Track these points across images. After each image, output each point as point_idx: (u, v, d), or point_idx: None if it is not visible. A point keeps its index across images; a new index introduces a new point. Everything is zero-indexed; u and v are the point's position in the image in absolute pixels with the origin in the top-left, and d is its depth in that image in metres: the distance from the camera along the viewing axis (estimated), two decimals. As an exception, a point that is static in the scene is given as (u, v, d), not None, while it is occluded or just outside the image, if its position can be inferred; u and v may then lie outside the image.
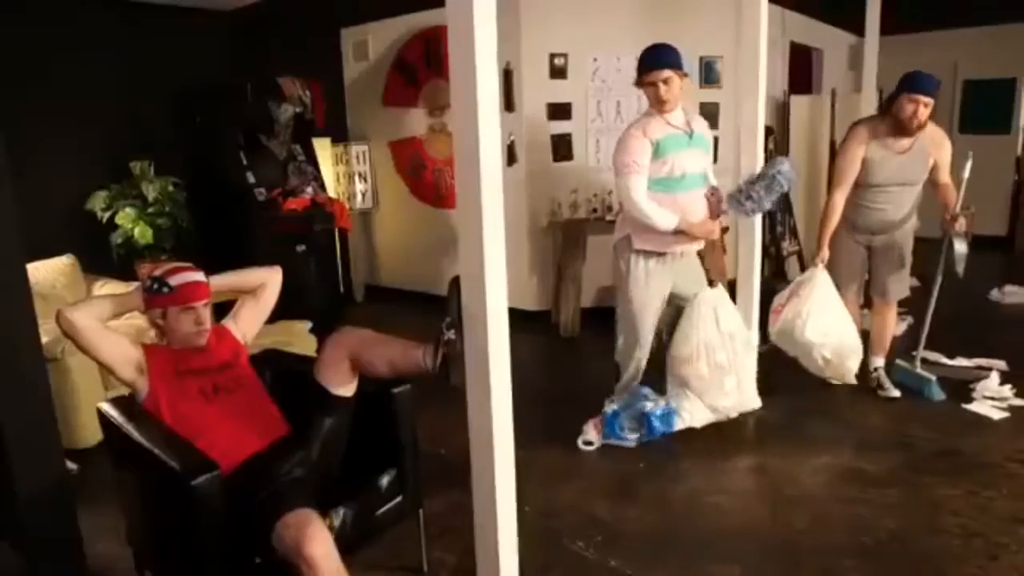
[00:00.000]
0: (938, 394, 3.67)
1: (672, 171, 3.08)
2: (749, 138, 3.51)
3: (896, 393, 3.71)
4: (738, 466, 2.93)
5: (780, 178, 3.07)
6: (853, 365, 3.68)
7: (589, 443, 3.30)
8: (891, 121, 3.39)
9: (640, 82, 3.08)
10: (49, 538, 2.18)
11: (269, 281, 2.43)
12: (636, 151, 3.06)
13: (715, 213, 3.16)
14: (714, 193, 3.17)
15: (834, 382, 3.77)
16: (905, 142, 3.40)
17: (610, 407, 3.33)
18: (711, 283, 3.43)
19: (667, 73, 3.00)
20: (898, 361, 3.91)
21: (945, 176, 3.52)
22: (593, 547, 2.53)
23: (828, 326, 3.52)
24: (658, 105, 3.07)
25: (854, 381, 3.75)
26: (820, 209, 3.80)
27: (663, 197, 3.09)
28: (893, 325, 3.85)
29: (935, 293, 3.71)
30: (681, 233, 3.11)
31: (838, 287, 3.59)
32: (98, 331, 2.03)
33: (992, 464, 3.00)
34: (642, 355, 3.35)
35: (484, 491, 2.01)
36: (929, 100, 3.28)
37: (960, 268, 3.54)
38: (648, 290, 3.24)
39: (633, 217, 3.13)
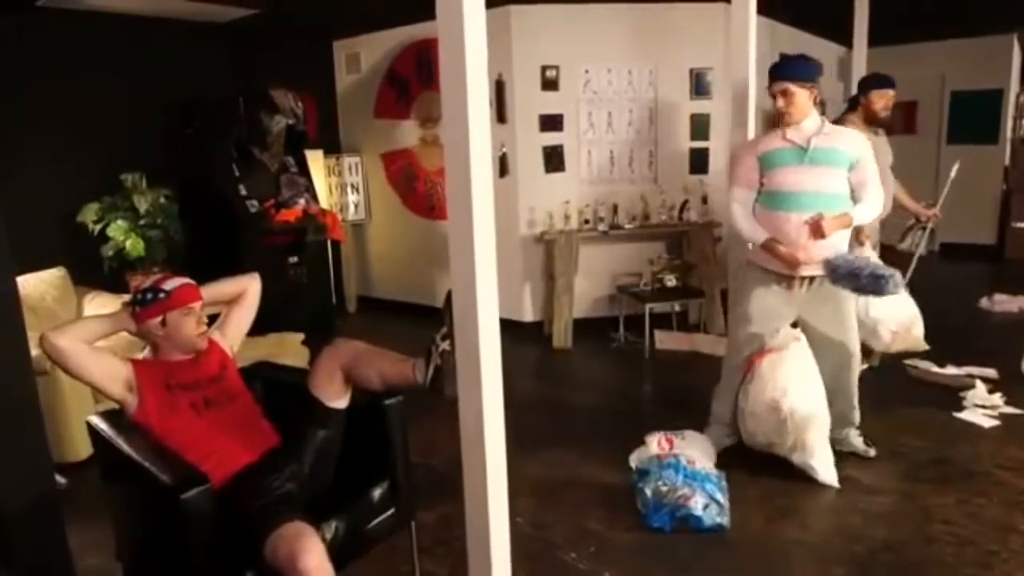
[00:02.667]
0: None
1: (778, 186, 2.96)
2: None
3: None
4: (729, 476, 2.92)
5: (869, 290, 2.86)
6: (919, 332, 3.84)
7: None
8: (862, 116, 3.79)
9: (769, 92, 3.06)
10: (38, 553, 2.16)
11: (249, 288, 2.43)
12: (739, 162, 3.13)
13: (813, 234, 2.87)
14: (814, 220, 2.85)
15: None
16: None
17: (644, 484, 2.81)
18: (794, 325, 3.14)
19: (783, 85, 2.93)
20: None
21: None
22: (586, 558, 2.53)
23: (888, 301, 3.48)
24: (778, 117, 3.02)
25: (926, 346, 3.92)
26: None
27: (764, 213, 3.02)
28: None
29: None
30: (768, 249, 2.99)
31: None
32: (84, 353, 1.99)
33: (983, 472, 3.01)
34: (735, 367, 3.18)
35: (476, 503, 2.00)
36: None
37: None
38: (749, 304, 3.13)
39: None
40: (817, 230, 2.85)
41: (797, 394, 2.91)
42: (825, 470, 2.95)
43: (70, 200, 4.64)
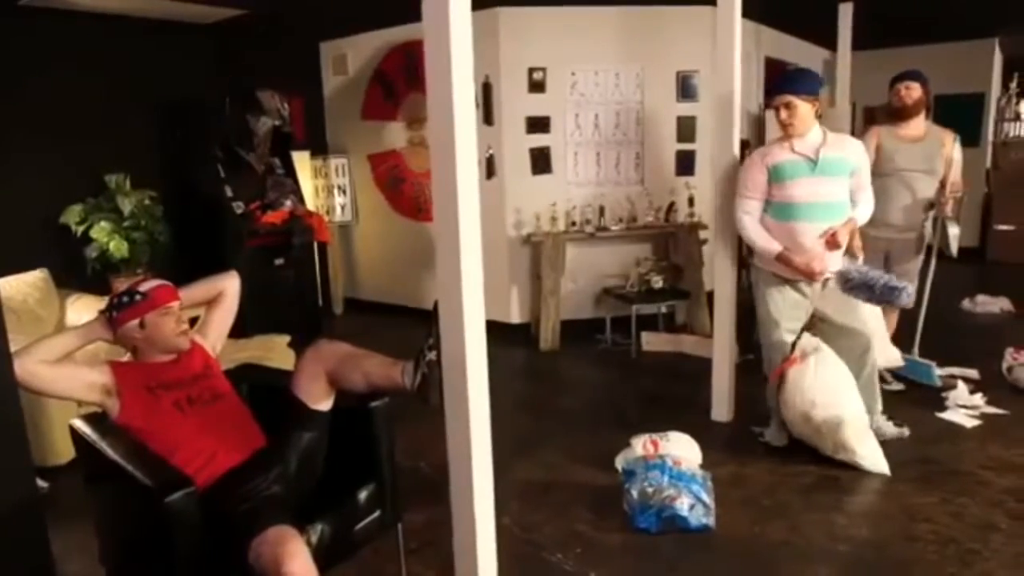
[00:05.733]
0: (936, 379, 3.94)
1: (789, 198, 3.06)
2: (725, 151, 3.55)
3: (900, 386, 3.95)
4: (715, 476, 2.94)
5: (884, 301, 3.09)
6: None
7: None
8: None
9: (767, 105, 3.12)
10: (18, 559, 2.13)
11: (227, 287, 2.42)
12: (748, 174, 3.18)
13: (830, 247, 3.06)
14: (831, 233, 3.04)
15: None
16: (914, 131, 3.71)
17: (632, 488, 2.77)
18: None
19: (787, 98, 3.03)
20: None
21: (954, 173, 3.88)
22: (572, 559, 2.53)
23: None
24: (782, 129, 3.12)
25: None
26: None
27: (775, 224, 3.12)
28: (894, 326, 4.01)
29: (931, 272, 4.07)
30: (783, 261, 3.10)
31: None
32: (47, 373, 1.95)
33: (965, 472, 3.05)
34: (773, 369, 3.27)
35: (463, 505, 2.00)
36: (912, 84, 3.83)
37: (954, 248, 3.90)
38: (768, 305, 3.25)
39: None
40: (833, 243, 3.03)
41: (826, 403, 3.00)
42: (872, 461, 3.04)
43: (53, 201, 4.59)
